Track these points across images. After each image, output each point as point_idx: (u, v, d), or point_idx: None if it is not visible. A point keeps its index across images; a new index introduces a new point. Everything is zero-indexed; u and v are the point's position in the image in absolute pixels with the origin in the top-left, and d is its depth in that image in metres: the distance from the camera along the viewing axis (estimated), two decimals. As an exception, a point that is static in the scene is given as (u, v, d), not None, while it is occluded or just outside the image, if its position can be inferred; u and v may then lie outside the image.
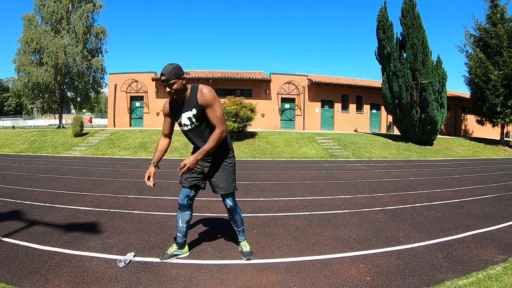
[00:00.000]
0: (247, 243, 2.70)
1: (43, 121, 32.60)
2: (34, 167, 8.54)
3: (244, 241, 2.69)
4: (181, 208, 2.48)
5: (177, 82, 2.17)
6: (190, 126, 2.32)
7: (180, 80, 2.18)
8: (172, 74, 2.13)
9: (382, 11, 15.36)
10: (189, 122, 2.30)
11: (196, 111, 2.25)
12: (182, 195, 2.46)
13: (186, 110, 2.28)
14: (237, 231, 2.67)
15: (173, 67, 2.15)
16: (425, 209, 4.40)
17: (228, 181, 2.43)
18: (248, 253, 2.59)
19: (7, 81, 24.93)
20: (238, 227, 2.64)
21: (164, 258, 2.51)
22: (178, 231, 2.53)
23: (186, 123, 2.31)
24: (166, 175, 7.19)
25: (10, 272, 2.25)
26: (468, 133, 24.13)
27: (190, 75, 18.53)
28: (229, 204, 2.50)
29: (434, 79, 14.34)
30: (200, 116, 2.27)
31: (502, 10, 16.77)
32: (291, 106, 19.14)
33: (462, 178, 7.69)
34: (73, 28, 18.33)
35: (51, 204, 4.26)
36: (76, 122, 14.82)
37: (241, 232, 2.67)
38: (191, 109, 2.26)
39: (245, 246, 2.66)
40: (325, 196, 5.15)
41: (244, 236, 2.70)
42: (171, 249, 2.57)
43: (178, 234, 2.54)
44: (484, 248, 2.91)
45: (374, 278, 2.28)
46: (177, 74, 2.15)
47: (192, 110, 2.26)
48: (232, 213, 2.55)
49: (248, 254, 2.59)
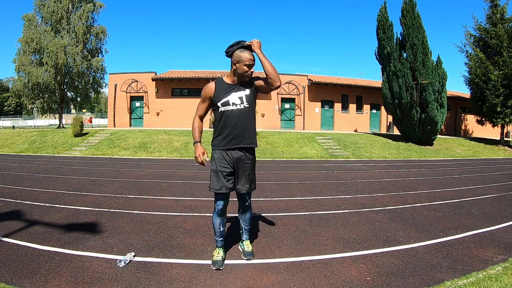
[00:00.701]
0: (250, 243, 2.69)
1: (43, 121, 32.60)
2: (34, 167, 8.54)
3: (247, 241, 2.68)
4: (221, 214, 2.44)
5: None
6: (239, 106, 2.34)
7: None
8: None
9: (382, 11, 15.36)
10: (239, 101, 2.34)
11: (249, 92, 2.36)
12: (221, 202, 2.40)
13: (238, 90, 2.35)
14: (244, 229, 2.64)
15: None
16: (425, 209, 4.40)
17: (254, 179, 2.50)
18: (249, 253, 2.58)
19: (7, 81, 24.93)
20: (246, 225, 2.63)
21: (221, 266, 2.39)
22: (219, 235, 2.49)
23: (235, 102, 2.34)
24: (166, 175, 7.20)
25: (10, 272, 2.25)
26: (468, 133, 24.13)
27: (191, 76, 18.54)
28: (248, 201, 2.52)
29: (434, 79, 14.34)
30: (250, 97, 2.37)
31: (502, 10, 16.76)
32: (291, 106, 19.14)
33: (462, 178, 7.69)
34: (73, 28, 18.33)
35: (51, 204, 4.26)
36: (76, 122, 14.82)
37: (247, 231, 2.66)
38: (244, 90, 2.36)
39: (247, 245, 2.64)
40: (325, 196, 5.15)
41: (248, 236, 2.70)
42: (220, 255, 2.48)
43: (219, 239, 2.51)
44: (484, 248, 2.90)
45: (374, 278, 2.28)
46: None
47: (245, 90, 2.36)
48: (247, 210, 2.56)
49: (249, 254, 2.58)
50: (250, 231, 2.70)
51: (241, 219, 2.62)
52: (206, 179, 6.67)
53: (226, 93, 2.35)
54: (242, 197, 2.51)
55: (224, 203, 2.42)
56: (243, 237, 2.68)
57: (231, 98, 2.34)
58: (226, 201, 2.43)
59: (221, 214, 2.45)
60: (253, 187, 2.50)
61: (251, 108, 2.40)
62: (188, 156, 11.59)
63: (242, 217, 2.60)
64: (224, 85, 2.37)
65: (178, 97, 18.85)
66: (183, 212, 4.03)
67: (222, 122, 2.37)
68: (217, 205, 2.42)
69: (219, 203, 2.41)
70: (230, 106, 2.34)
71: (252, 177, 2.49)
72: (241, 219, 2.62)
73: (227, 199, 2.44)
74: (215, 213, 2.46)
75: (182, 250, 2.74)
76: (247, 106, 2.36)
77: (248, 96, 2.36)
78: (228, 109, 2.34)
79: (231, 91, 2.35)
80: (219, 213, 2.44)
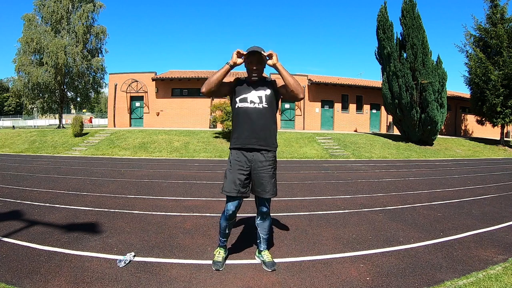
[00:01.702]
0: (269, 253, 2.52)
1: (43, 121, 32.56)
2: (34, 167, 8.54)
3: (266, 250, 2.49)
4: (229, 218, 2.34)
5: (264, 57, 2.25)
6: (257, 104, 2.29)
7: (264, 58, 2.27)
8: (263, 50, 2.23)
9: (382, 11, 15.36)
10: (258, 100, 2.29)
11: (270, 92, 2.32)
12: (232, 206, 2.29)
13: (260, 89, 2.32)
14: (262, 238, 2.46)
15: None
16: (425, 209, 4.40)
17: (274, 185, 2.33)
18: (272, 264, 2.39)
19: (7, 81, 24.97)
20: (264, 234, 2.45)
21: (221, 267, 2.37)
22: (224, 236, 2.44)
23: (254, 100, 2.29)
24: (166, 175, 7.20)
25: (10, 272, 2.25)
26: (468, 133, 24.12)
27: (191, 76, 18.54)
28: (266, 208, 2.37)
29: (434, 79, 14.34)
30: (271, 100, 2.32)
31: (502, 10, 16.75)
32: (291, 106, 19.13)
33: (462, 178, 7.69)
34: (73, 28, 18.32)
35: (51, 204, 4.26)
36: (76, 122, 14.82)
37: (265, 241, 2.49)
38: (264, 89, 2.32)
39: (267, 256, 2.46)
40: (325, 196, 5.15)
41: (266, 245, 2.52)
42: (220, 255, 2.45)
43: (222, 239, 2.45)
44: (484, 248, 2.90)
45: (374, 278, 2.28)
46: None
47: (266, 90, 2.32)
48: (265, 218, 2.41)
49: (272, 264, 2.39)
50: (268, 240, 2.55)
51: (258, 227, 2.45)
52: (206, 179, 6.67)
53: (246, 89, 2.33)
54: (259, 202, 2.39)
55: (234, 207, 2.29)
56: (261, 247, 2.49)
57: (250, 96, 2.30)
58: (236, 205, 2.29)
59: (230, 218, 2.35)
60: (270, 192, 2.30)
61: (271, 109, 2.31)
62: (188, 156, 11.59)
63: (260, 225, 2.44)
64: (246, 82, 2.36)
65: (178, 97, 18.84)
66: (183, 212, 4.02)
67: (239, 119, 2.30)
68: (226, 209, 2.32)
69: (229, 206, 2.30)
70: (248, 104, 2.28)
71: (271, 182, 2.30)
72: (259, 227, 2.44)
73: (238, 204, 2.30)
74: (223, 215, 2.37)
75: (182, 250, 2.74)
76: (266, 106, 2.29)
77: (268, 97, 2.30)
78: (245, 106, 2.28)
79: (252, 89, 2.32)
80: (227, 217, 2.33)
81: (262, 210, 2.38)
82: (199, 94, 18.49)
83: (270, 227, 2.49)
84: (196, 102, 18.34)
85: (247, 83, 2.35)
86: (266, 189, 2.29)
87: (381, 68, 16.19)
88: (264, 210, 2.38)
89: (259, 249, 2.53)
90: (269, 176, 2.30)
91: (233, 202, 2.29)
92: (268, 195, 2.30)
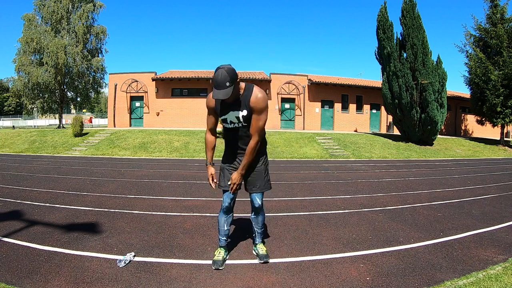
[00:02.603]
0: (264, 246, 2.66)
1: (43, 121, 32.55)
2: (34, 167, 8.54)
3: (261, 244, 2.64)
4: (226, 212, 2.44)
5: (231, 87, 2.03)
6: (236, 124, 2.28)
7: (233, 85, 2.04)
8: (228, 80, 2.00)
9: (382, 11, 15.36)
10: (236, 120, 2.26)
11: (247, 113, 2.21)
12: (227, 199, 2.40)
13: (236, 109, 2.21)
14: (257, 232, 2.60)
15: (227, 73, 2.00)
16: (425, 209, 4.40)
17: (264, 180, 2.44)
18: (264, 256, 2.53)
19: (7, 81, 24.99)
20: (259, 228, 2.58)
21: (220, 266, 2.40)
22: (223, 234, 2.49)
23: (233, 121, 2.26)
24: (166, 175, 7.20)
25: (10, 272, 2.25)
26: (468, 133, 24.13)
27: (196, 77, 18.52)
28: (258, 203, 2.45)
29: (434, 79, 14.34)
30: (249, 119, 2.23)
31: (502, 10, 16.76)
32: (291, 106, 19.14)
33: (462, 178, 7.69)
34: (73, 28, 18.33)
35: (51, 204, 4.26)
36: (76, 122, 14.82)
37: (260, 235, 2.62)
38: (241, 110, 2.20)
39: (261, 248, 2.60)
40: (325, 196, 5.15)
41: (261, 239, 2.65)
42: (220, 255, 2.48)
43: (222, 238, 2.50)
44: (484, 248, 2.90)
45: (374, 278, 2.28)
46: (232, 80, 2.02)
47: (242, 111, 2.21)
48: (259, 212, 2.50)
49: (264, 256, 2.52)
50: (263, 234, 2.67)
51: (253, 222, 2.58)
52: (206, 179, 6.66)
53: (225, 108, 2.25)
54: (251, 198, 2.48)
55: (230, 199, 2.40)
56: (256, 240, 2.64)
57: (229, 117, 2.26)
58: (232, 197, 2.40)
59: (226, 211, 2.44)
60: (260, 188, 2.42)
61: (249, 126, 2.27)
62: (188, 156, 11.59)
63: (254, 219, 2.56)
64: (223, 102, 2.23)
65: (178, 97, 18.84)
66: (183, 212, 4.03)
67: (225, 138, 2.44)
68: (222, 202, 2.44)
69: (224, 199, 2.43)
70: (228, 124, 2.30)
71: (260, 178, 2.42)
72: (253, 221, 2.57)
73: (232, 197, 2.41)
74: (221, 210, 2.48)
75: (182, 250, 2.74)
76: (245, 125, 2.26)
77: (245, 117, 2.23)
78: (226, 126, 2.33)
79: (229, 110, 2.24)
80: (224, 210, 2.44)
81: (254, 206, 2.49)
82: (199, 94, 18.52)
83: (263, 222, 2.59)
84: (196, 102, 18.33)
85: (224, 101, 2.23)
86: (256, 184, 2.42)
87: (381, 68, 16.20)
88: (256, 205, 2.47)
89: (254, 242, 2.67)
90: (257, 173, 2.42)
91: (227, 196, 2.41)
92: (258, 190, 2.43)
